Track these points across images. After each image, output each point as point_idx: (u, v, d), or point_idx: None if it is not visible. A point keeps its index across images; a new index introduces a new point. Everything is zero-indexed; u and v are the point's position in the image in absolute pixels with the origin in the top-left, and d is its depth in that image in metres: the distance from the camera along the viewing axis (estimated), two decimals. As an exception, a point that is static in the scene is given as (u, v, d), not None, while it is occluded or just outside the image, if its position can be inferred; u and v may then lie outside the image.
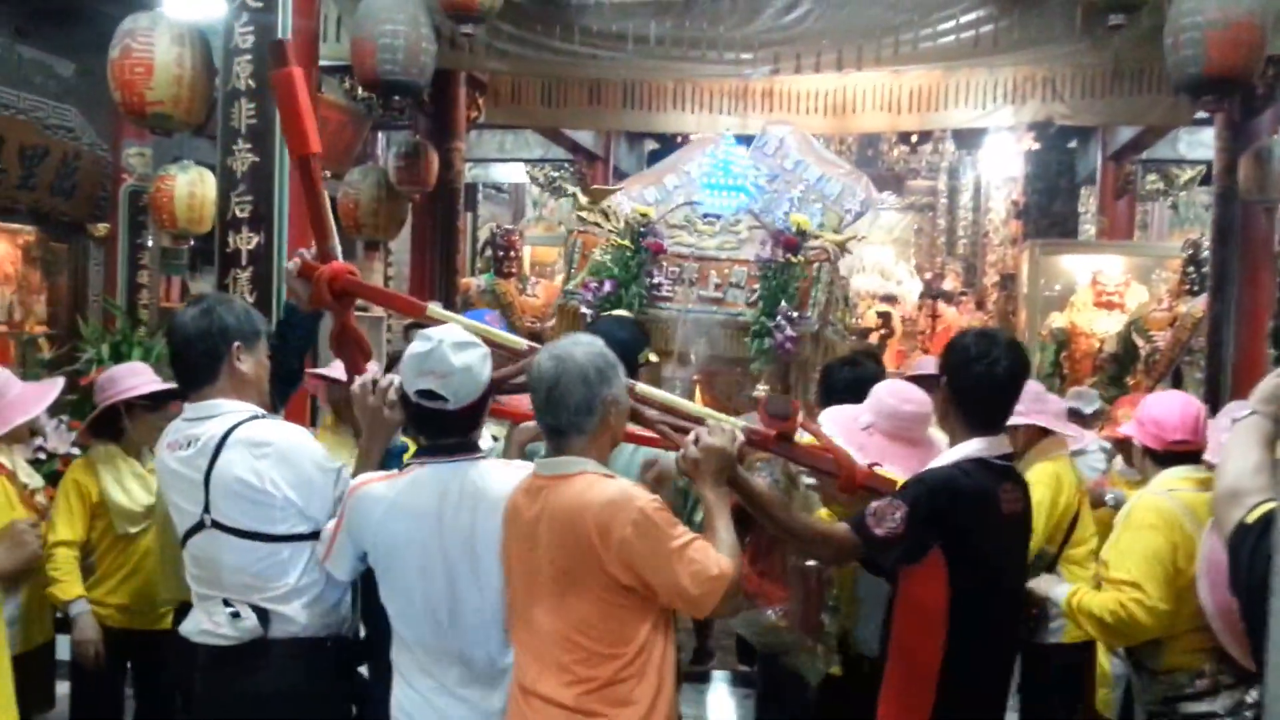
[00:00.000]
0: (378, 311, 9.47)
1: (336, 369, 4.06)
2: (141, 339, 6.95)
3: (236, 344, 2.80)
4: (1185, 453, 3.19)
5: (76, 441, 4.98)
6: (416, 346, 2.52)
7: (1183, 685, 2.96)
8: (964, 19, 6.10)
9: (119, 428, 4.15)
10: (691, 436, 2.55)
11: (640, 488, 2.46)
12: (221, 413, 2.74)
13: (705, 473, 2.51)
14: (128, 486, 4.12)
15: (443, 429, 2.58)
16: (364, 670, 2.99)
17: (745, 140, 5.53)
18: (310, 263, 2.93)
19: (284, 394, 3.10)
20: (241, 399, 2.80)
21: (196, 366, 2.80)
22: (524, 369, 2.76)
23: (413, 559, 2.56)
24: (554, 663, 2.38)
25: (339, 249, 3.05)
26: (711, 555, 2.35)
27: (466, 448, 2.61)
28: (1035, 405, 3.82)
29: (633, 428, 2.73)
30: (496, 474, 2.61)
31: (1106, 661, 4.33)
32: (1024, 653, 3.80)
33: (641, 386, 2.81)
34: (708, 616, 3.34)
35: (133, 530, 4.11)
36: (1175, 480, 3.13)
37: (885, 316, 11.85)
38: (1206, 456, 3.17)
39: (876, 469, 2.84)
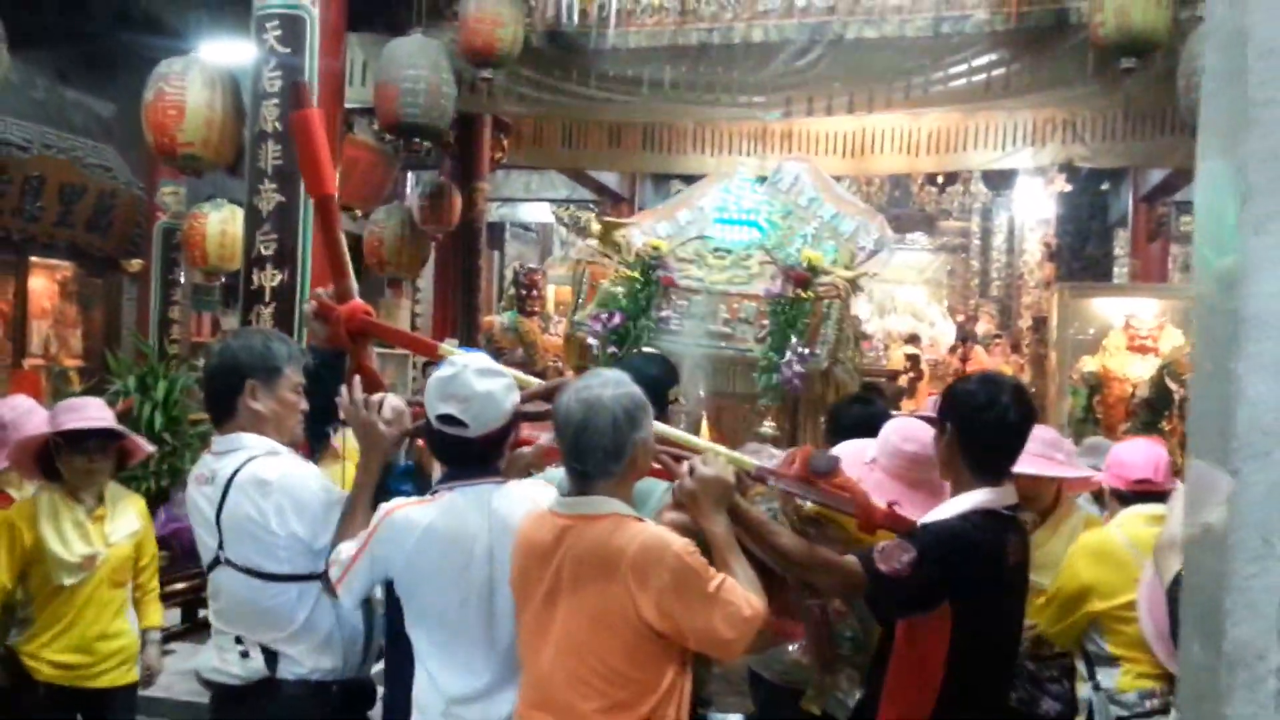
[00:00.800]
0: (400, 349, 9.63)
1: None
2: (169, 373, 7.12)
3: (250, 382, 2.80)
4: (1149, 493, 3.31)
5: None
6: (441, 372, 2.51)
7: (1134, 705, 3.10)
8: (975, 63, 6.13)
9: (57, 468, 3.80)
10: (686, 467, 2.49)
11: (670, 530, 2.36)
12: (239, 447, 2.76)
13: (704, 504, 2.45)
14: (66, 535, 3.72)
15: (463, 456, 2.54)
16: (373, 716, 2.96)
17: (764, 180, 5.48)
18: (326, 303, 2.96)
19: (319, 432, 3.10)
20: (260, 434, 2.80)
21: (216, 403, 2.85)
22: (538, 397, 2.75)
23: (448, 585, 2.51)
24: (568, 708, 2.30)
25: (356, 289, 3.05)
26: (741, 594, 2.28)
27: (488, 474, 2.56)
28: (1059, 454, 3.53)
29: None
30: (520, 496, 2.56)
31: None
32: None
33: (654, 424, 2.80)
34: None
35: (69, 582, 3.71)
36: (1131, 516, 3.26)
37: (914, 359, 11.76)
38: None
39: (896, 509, 2.73)
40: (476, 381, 2.45)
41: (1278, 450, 1.37)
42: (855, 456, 3.05)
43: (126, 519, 3.90)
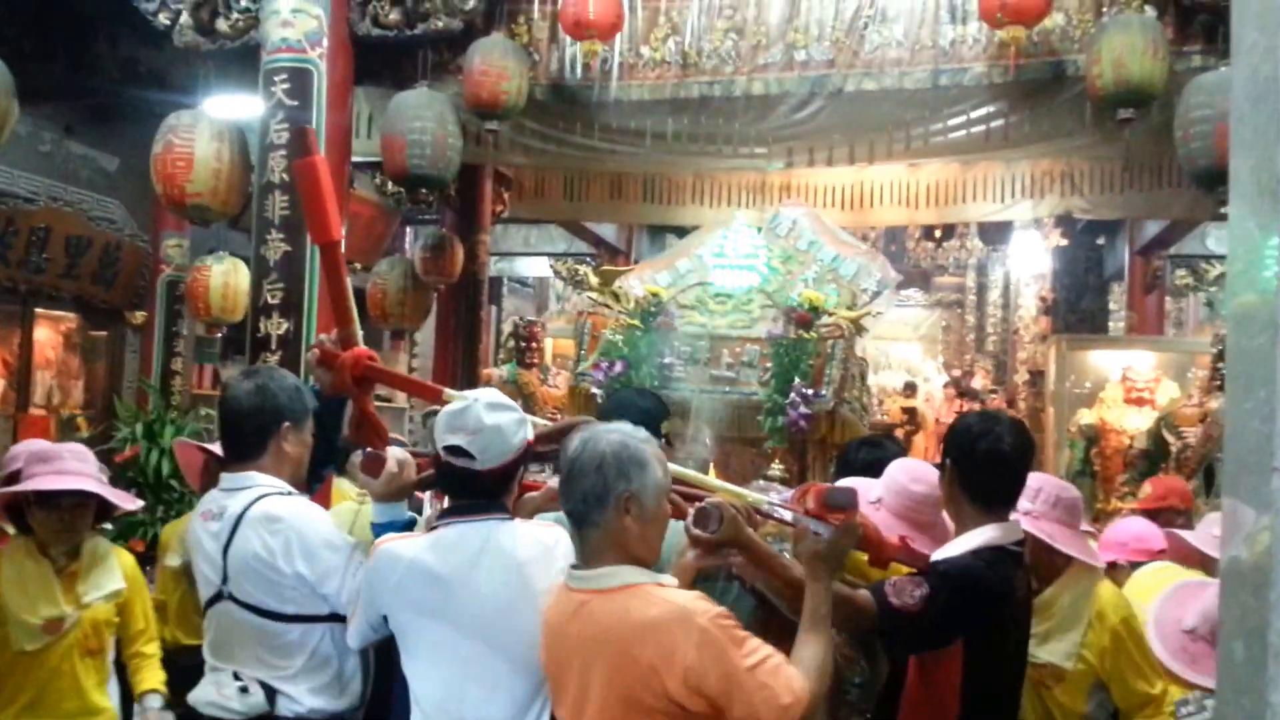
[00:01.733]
0: (400, 401, 9.63)
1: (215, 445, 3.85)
2: (174, 419, 7.10)
3: (286, 424, 2.84)
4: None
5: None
6: (451, 405, 2.51)
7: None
8: (974, 114, 6.21)
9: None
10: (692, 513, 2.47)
11: (698, 599, 2.22)
12: (250, 485, 2.78)
13: (820, 568, 2.38)
14: (30, 594, 3.32)
15: (469, 489, 2.53)
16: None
17: (761, 229, 5.53)
18: (330, 349, 2.97)
19: (319, 475, 3.12)
20: (277, 476, 2.83)
21: (245, 442, 2.84)
22: (550, 438, 2.76)
23: (435, 624, 2.49)
24: None
25: (360, 335, 3.06)
26: (783, 677, 2.14)
27: (494, 509, 2.54)
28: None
29: None
30: (527, 536, 2.54)
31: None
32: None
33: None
34: None
35: (30, 648, 3.31)
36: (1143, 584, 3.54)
37: (910, 412, 11.80)
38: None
39: (909, 543, 2.76)
40: (486, 415, 2.45)
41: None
42: (859, 496, 3.06)
43: (107, 577, 3.49)
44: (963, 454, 2.76)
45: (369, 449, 2.81)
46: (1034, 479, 3.06)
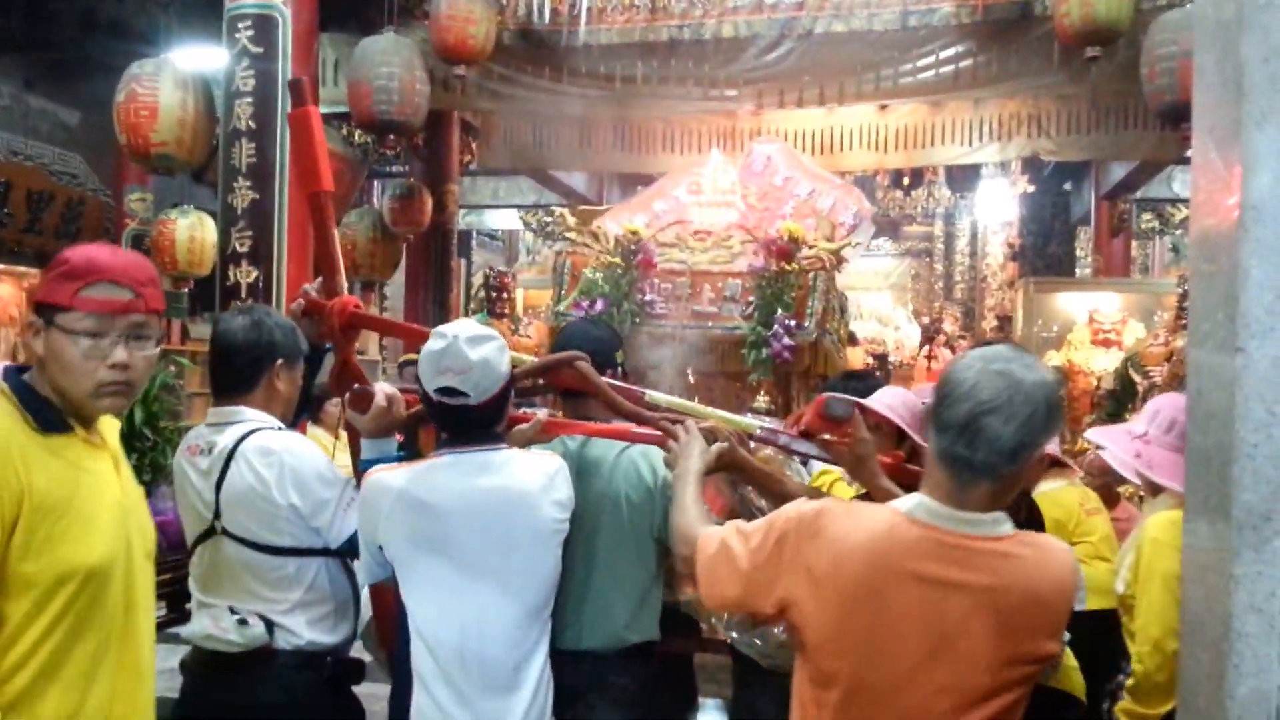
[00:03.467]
0: (372, 354, 9.60)
1: None
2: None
3: (280, 360, 2.82)
4: None
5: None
6: (432, 345, 2.49)
7: None
8: (943, 54, 6.24)
9: None
10: (681, 429, 2.50)
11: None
12: (240, 420, 2.75)
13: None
14: None
15: (466, 424, 2.53)
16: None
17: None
18: (315, 299, 2.96)
19: (293, 423, 3.07)
20: (267, 412, 2.81)
21: (238, 376, 2.81)
22: (540, 372, 2.80)
23: (430, 552, 2.49)
24: None
25: (345, 285, 3.07)
26: None
27: (489, 439, 2.55)
28: None
29: (629, 427, 2.71)
30: (526, 465, 2.56)
31: None
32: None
33: (653, 395, 2.79)
34: None
35: None
36: None
37: (881, 358, 11.90)
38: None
39: (902, 462, 2.75)
40: (470, 350, 2.45)
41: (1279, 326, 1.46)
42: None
43: None
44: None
45: (357, 385, 2.81)
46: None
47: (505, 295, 8.56)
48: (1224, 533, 1.50)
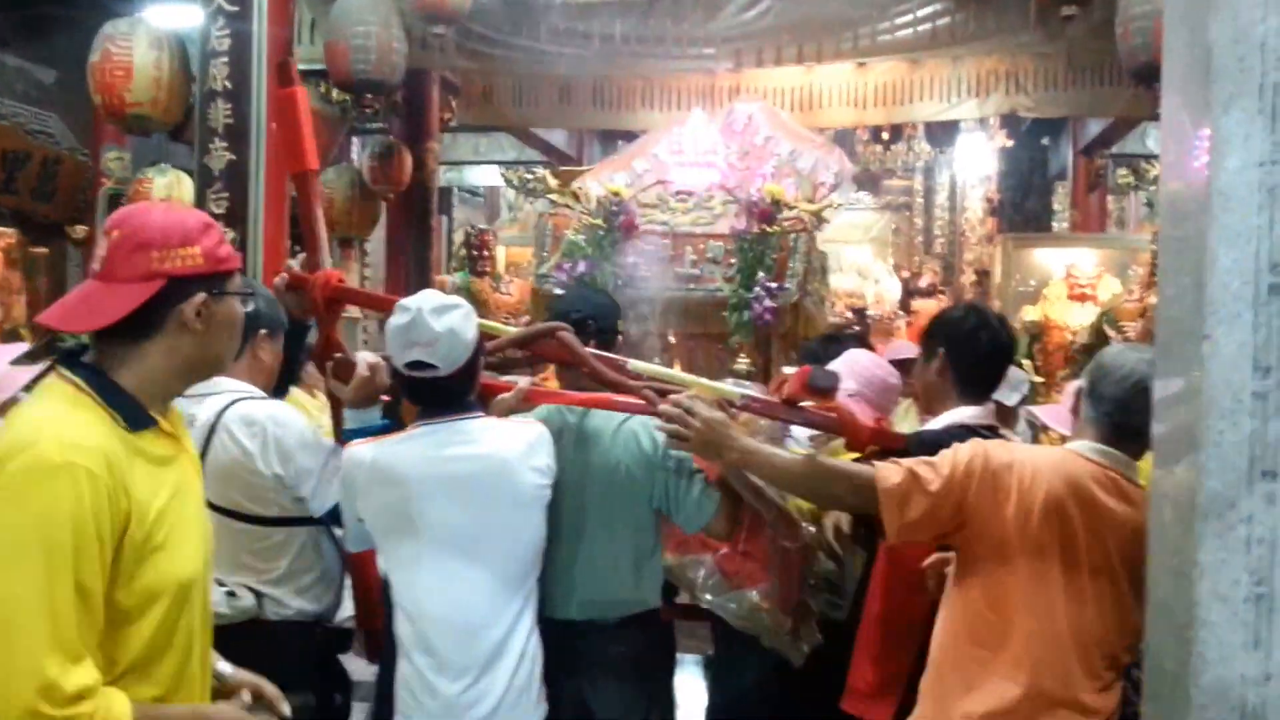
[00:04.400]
0: (353, 312, 9.58)
1: None
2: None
3: (263, 331, 2.85)
4: None
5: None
6: (397, 319, 2.52)
7: None
8: (921, 12, 6.25)
9: None
10: (677, 406, 2.53)
11: None
12: (220, 390, 2.76)
13: (701, 442, 2.50)
14: None
15: (438, 395, 2.57)
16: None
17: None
18: (299, 273, 2.99)
19: (277, 397, 3.10)
20: (249, 383, 2.83)
21: None
22: (522, 342, 2.83)
23: (406, 524, 2.52)
24: (1087, 668, 2.25)
25: (329, 262, 3.10)
26: None
27: (464, 407, 2.58)
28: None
29: (612, 396, 2.75)
30: (504, 432, 2.58)
31: None
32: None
33: (636, 363, 2.83)
34: None
35: None
36: None
37: (860, 312, 11.94)
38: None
39: (883, 424, 2.87)
40: (436, 321, 2.47)
41: (1246, 313, 1.48)
42: None
43: None
44: (959, 344, 2.86)
45: (339, 354, 2.84)
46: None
47: (486, 253, 8.53)
48: (1188, 517, 1.52)
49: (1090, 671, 2.24)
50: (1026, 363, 8.52)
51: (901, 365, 3.70)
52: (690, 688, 5.43)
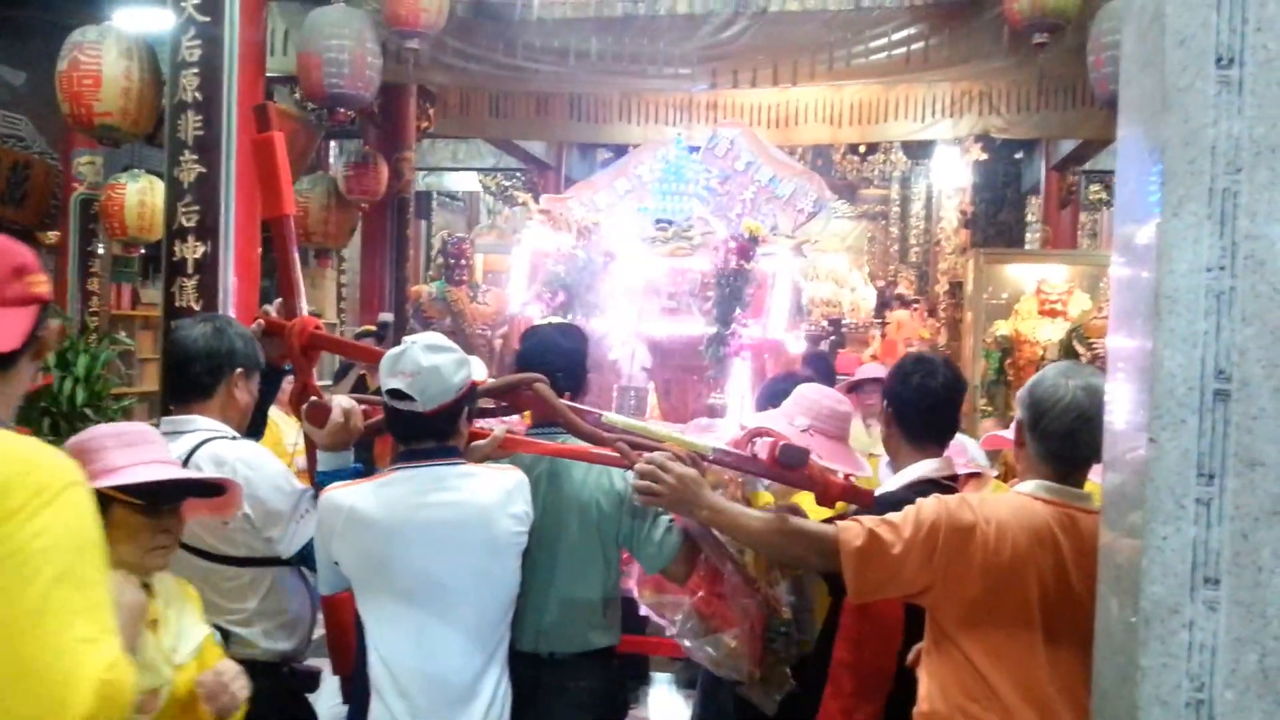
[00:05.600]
0: (330, 317, 9.56)
1: None
2: (89, 346, 6.97)
3: (239, 370, 2.83)
4: None
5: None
6: (392, 349, 2.54)
7: None
8: (895, 36, 6.27)
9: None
10: (650, 463, 2.56)
11: None
12: (194, 429, 2.74)
13: (674, 499, 2.54)
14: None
15: (415, 432, 2.56)
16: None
17: (697, 149, 5.51)
18: (275, 319, 3.00)
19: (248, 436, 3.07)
20: (223, 422, 2.81)
21: (195, 382, 2.80)
22: (498, 392, 2.83)
23: (382, 570, 2.50)
24: (1079, 714, 2.19)
25: (305, 307, 3.10)
26: None
27: (444, 453, 2.56)
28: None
29: (587, 447, 2.75)
30: (482, 479, 2.57)
31: None
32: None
33: (609, 415, 2.83)
34: None
35: None
36: None
37: (835, 323, 12.00)
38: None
39: (851, 479, 2.86)
40: (423, 356, 2.47)
41: (1191, 419, 1.47)
42: (784, 429, 3.13)
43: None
44: (897, 389, 2.88)
45: (313, 398, 2.83)
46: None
47: (464, 262, 8.50)
48: (1131, 620, 1.52)
49: (1084, 714, 2.22)
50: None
51: (869, 385, 3.72)
52: (668, 706, 5.51)
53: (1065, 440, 2.28)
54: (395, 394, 2.50)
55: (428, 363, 2.47)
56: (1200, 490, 1.47)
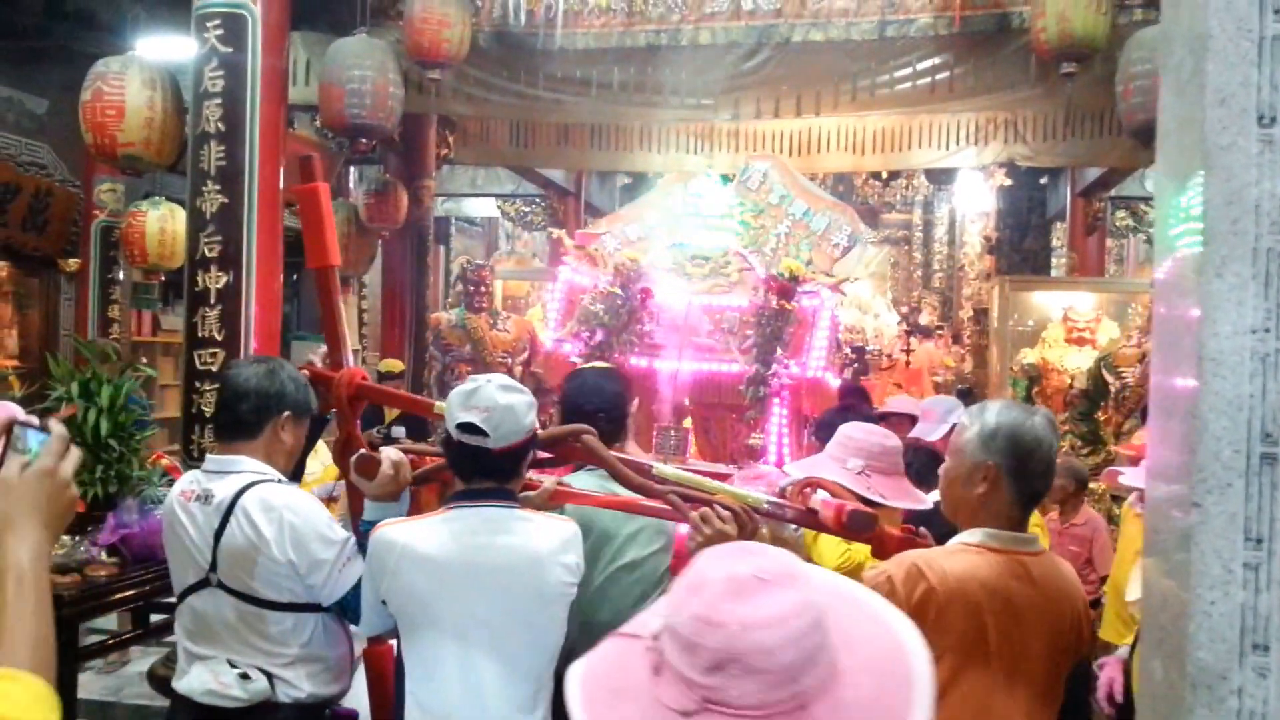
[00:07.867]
0: (353, 343, 9.55)
1: None
2: (111, 378, 6.96)
3: (288, 413, 2.81)
4: None
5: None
6: (463, 386, 2.52)
7: None
8: (920, 66, 6.22)
9: None
10: (699, 517, 2.53)
11: None
12: (239, 470, 2.74)
13: None
14: None
15: (481, 469, 2.51)
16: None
17: (729, 179, 5.47)
18: (320, 370, 3.00)
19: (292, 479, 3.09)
20: (268, 463, 2.79)
21: (243, 421, 2.80)
22: (548, 444, 2.80)
23: (430, 608, 2.47)
24: None
25: (351, 359, 3.09)
26: None
27: (501, 495, 2.53)
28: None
29: (637, 499, 2.72)
30: (538, 527, 2.53)
31: None
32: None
33: (660, 467, 2.78)
34: None
35: None
36: None
37: (859, 351, 11.91)
38: None
39: (912, 534, 2.74)
40: (500, 395, 2.45)
41: (1238, 482, 1.43)
42: (839, 474, 3.02)
43: None
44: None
45: (361, 450, 2.80)
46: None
47: (483, 289, 8.47)
48: (1178, 684, 1.48)
49: None
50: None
51: (898, 419, 3.64)
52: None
53: (1044, 477, 2.34)
54: (467, 428, 2.45)
55: (504, 401, 2.45)
56: (1248, 555, 1.43)
